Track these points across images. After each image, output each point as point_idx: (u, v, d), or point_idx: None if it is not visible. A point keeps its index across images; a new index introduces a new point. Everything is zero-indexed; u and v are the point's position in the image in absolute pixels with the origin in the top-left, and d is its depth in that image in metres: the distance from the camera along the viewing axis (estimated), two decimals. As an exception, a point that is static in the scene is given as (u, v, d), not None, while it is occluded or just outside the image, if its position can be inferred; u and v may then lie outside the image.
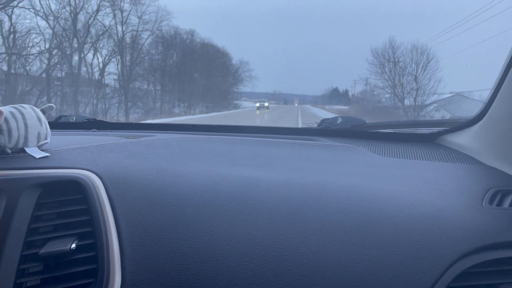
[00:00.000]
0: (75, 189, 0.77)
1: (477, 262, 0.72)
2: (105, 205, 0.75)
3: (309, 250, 0.72)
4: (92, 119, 1.62)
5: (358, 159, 1.11)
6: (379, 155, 1.17)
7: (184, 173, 0.87)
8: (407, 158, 1.15)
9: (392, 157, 1.16)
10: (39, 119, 0.88)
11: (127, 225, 0.74)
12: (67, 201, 0.77)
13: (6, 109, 0.83)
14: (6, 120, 0.81)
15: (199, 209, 0.77)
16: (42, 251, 0.70)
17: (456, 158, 1.14)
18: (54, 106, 0.96)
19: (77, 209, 0.76)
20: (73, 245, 0.71)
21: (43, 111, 0.93)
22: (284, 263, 0.70)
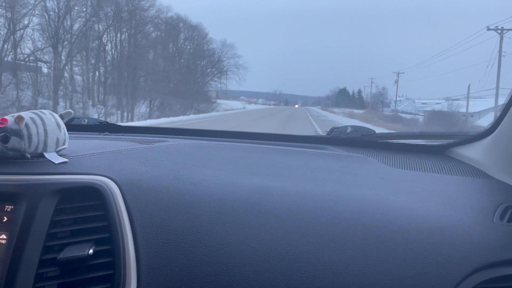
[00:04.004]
0: (93, 195, 0.79)
1: (488, 277, 0.73)
2: (122, 212, 0.77)
3: (321, 262, 0.73)
4: (104, 122, 1.64)
5: (368, 170, 1.12)
6: (390, 166, 1.18)
7: (199, 181, 0.88)
8: (417, 170, 1.16)
9: (402, 168, 1.17)
10: (58, 125, 0.90)
11: (143, 232, 0.75)
12: (85, 207, 0.78)
13: (27, 115, 0.85)
14: (26, 125, 0.83)
15: (213, 217, 0.78)
16: (61, 256, 0.72)
17: (466, 172, 1.15)
18: (73, 112, 0.98)
19: (94, 215, 0.77)
20: (91, 251, 0.72)
21: (61, 116, 0.95)
22: (296, 274, 0.71)
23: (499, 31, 17.25)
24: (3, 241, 0.74)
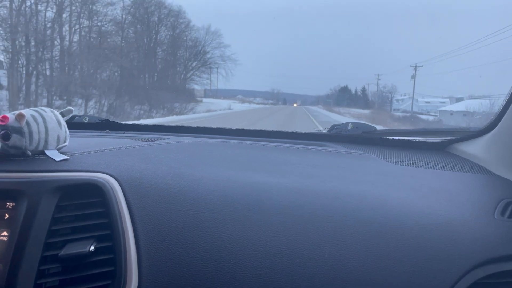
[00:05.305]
0: (94, 192, 0.79)
1: (489, 273, 0.73)
2: (123, 209, 0.77)
3: (321, 258, 0.73)
4: (105, 120, 1.65)
5: (369, 166, 1.12)
6: (390, 162, 1.18)
7: (199, 178, 0.88)
8: (418, 167, 1.15)
9: (403, 165, 1.16)
10: (59, 122, 0.90)
11: (144, 229, 0.75)
12: (86, 204, 0.79)
13: (28, 112, 0.85)
14: (27, 123, 0.83)
15: (214, 214, 0.79)
16: (62, 252, 0.72)
17: (467, 168, 1.15)
18: (73, 109, 0.99)
19: (95, 212, 0.78)
20: (92, 247, 0.73)
21: (62, 114, 0.95)
22: (297, 270, 0.72)
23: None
24: (5, 238, 0.74)
